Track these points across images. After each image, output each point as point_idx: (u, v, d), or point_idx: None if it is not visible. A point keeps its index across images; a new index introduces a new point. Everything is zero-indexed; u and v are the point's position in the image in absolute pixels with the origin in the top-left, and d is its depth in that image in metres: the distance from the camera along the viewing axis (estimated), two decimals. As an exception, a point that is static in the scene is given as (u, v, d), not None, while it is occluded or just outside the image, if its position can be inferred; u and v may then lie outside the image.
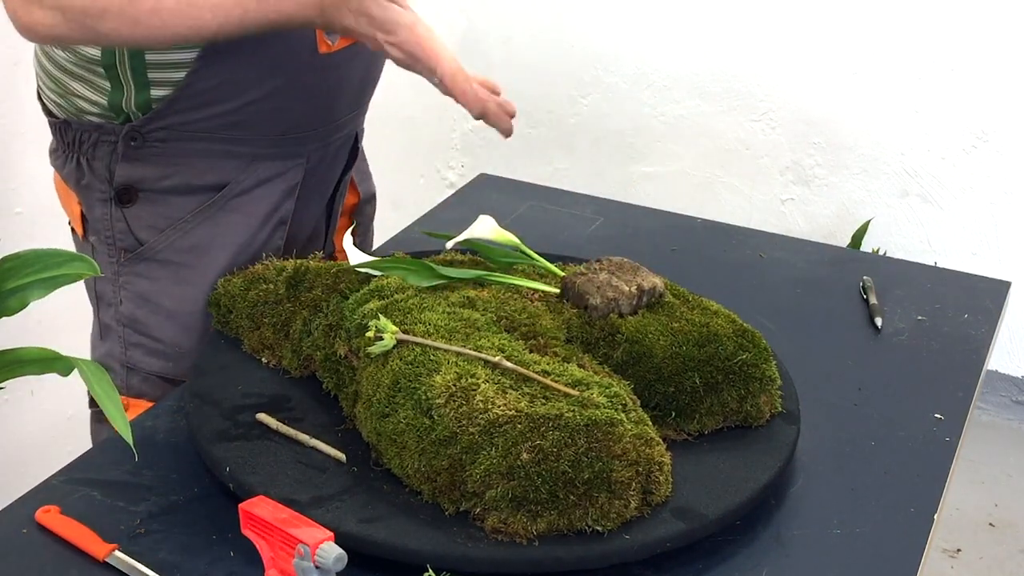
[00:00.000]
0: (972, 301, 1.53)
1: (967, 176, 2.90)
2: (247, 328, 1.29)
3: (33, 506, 1.08)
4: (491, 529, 1.00)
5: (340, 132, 1.43)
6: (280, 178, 1.37)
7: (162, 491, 1.12)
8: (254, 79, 1.30)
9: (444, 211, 1.74)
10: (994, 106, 2.82)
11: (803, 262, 1.62)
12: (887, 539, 1.09)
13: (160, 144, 1.31)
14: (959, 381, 1.36)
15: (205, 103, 1.29)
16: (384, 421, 1.08)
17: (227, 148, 1.33)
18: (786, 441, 1.16)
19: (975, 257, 2.94)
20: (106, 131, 1.31)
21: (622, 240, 1.66)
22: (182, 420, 1.20)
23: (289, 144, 1.36)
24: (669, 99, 3.16)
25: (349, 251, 1.32)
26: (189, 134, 1.31)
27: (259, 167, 1.35)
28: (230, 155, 1.33)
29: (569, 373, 1.08)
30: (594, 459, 0.99)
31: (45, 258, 1.01)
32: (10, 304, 1.00)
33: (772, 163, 3.10)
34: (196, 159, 1.33)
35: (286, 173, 1.37)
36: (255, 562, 0.97)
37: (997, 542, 2.66)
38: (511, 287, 1.24)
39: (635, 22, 3.13)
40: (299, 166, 1.38)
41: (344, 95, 1.40)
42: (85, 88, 1.31)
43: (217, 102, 1.30)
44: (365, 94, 1.47)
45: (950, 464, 1.21)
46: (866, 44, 2.90)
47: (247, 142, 1.34)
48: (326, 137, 1.41)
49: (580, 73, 3.23)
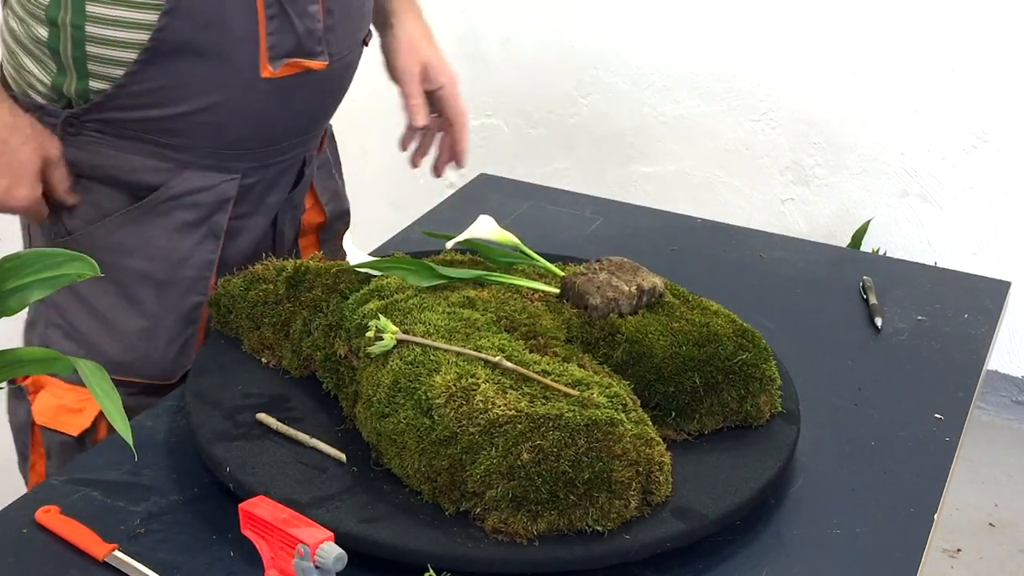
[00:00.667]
0: (972, 301, 1.53)
1: (967, 176, 2.90)
2: (247, 328, 1.29)
3: (33, 506, 1.08)
4: (491, 529, 1.00)
5: (283, 156, 1.41)
6: (211, 190, 1.35)
7: (162, 491, 1.12)
8: (191, 91, 1.29)
9: (444, 211, 1.74)
10: (994, 106, 2.82)
11: (803, 262, 1.62)
12: (887, 539, 1.09)
13: (96, 135, 1.32)
14: (959, 381, 1.36)
15: (141, 105, 1.29)
16: (384, 421, 1.08)
17: (160, 151, 1.32)
18: (786, 441, 1.16)
19: (975, 257, 2.93)
20: (47, 112, 1.32)
21: (622, 240, 1.66)
22: (182, 420, 1.20)
23: (224, 159, 1.35)
24: (669, 99, 3.16)
25: (349, 251, 1.32)
26: (124, 131, 1.31)
27: (191, 176, 1.34)
28: (163, 158, 1.33)
29: (569, 373, 1.08)
30: (594, 459, 0.99)
31: (45, 258, 1.01)
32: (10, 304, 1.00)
33: (772, 163, 3.10)
34: (129, 156, 1.32)
35: (218, 186, 1.36)
36: (255, 562, 0.97)
37: (997, 542, 2.66)
38: (511, 287, 1.24)
39: (635, 22, 3.12)
40: (232, 181, 1.37)
41: (287, 121, 1.38)
42: (35, 66, 1.32)
43: (153, 106, 1.29)
44: (316, 122, 1.44)
45: (950, 464, 1.21)
46: (866, 44, 2.90)
47: (181, 149, 1.33)
48: (265, 159, 1.39)
49: (580, 73, 3.23)
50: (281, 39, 1.30)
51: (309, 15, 1.31)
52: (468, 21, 3.29)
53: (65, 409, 1.36)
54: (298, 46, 1.31)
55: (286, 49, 1.31)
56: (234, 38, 1.27)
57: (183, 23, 1.25)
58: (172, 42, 1.25)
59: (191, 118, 1.30)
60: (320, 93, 1.40)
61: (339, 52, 1.37)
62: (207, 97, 1.30)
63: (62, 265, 1.01)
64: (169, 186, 1.33)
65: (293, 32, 1.30)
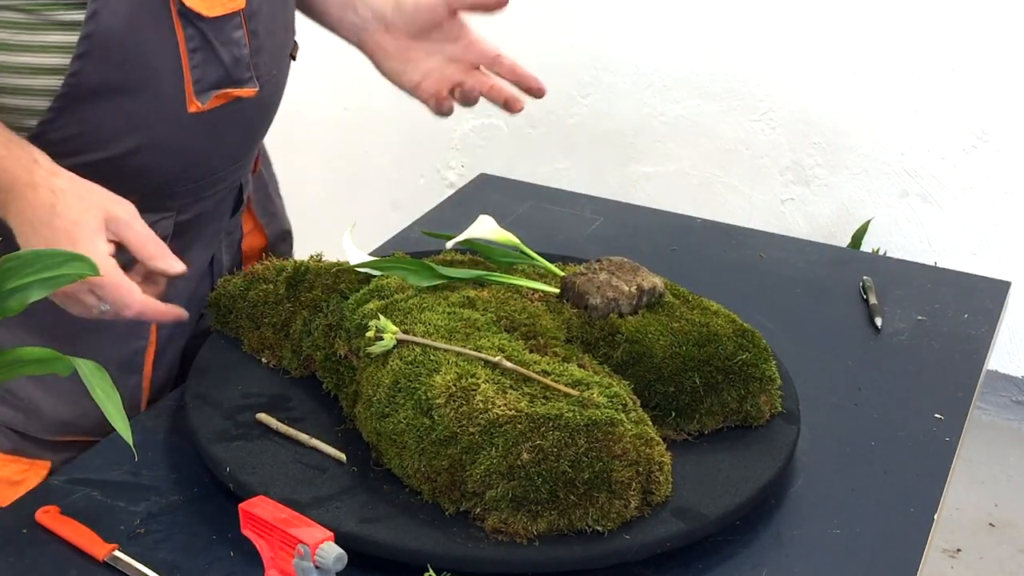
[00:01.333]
0: (972, 301, 1.53)
1: (967, 176, 2.90)
2: (247, 328, 1.29)
3: (33, 506, 1.08)
4: (491, 529, 1.00)
5: (219, 185, 1.32)
6: None
7: (162, 491, 1.12)
8: (114, 134, 1.19)
9: (444, 211, 1.74)
10: (994, 106, 2.82)
11: (803, 262, 1.62)
12: (887, 539, 1.09)
13: None
14: (959, 381, 1.36)
15: (60, 153, 1.16)
16: (384, 421, 1.08)
17: None
18: (786, 441, 1.16)
19: (975, 257, 2.94)
20: None
21: (622, 240, 1.66)
22: (182, 420, 1.20)
23: (157, 199, 1.25)
24: (669, 99, 3.16)
25: (349, 251, 1.32)
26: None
27: None
28: None
29: (569, 373, 1.08)
30: (594, 459, 0.99)
31: (45, 258, 1.01)
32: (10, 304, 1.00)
33: (772, 163, 3.10)
34: None
35: (152, 226, 1.22)
36: (255, 562, 0.97)
37: (997, 542, 2.66)
38: (511, 287, 1.24)
39: (635, 22, 3.12)
40: (167, 219, 1.28)
41: (220, 152, 1.29)
42: None
43: (72, 153, 1.18)
44: (249, 147, 1.36)
45: (950, 464, 1.21)
46: (866, 44, 2.90)
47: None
48: (200, 193, 1.30)
49: (580, 73, 3.23)
50: (206, 71, 1.20)
51: (234, 42, 1.22)
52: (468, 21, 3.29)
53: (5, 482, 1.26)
54: (225, 76, 1.22)
55: (212, 81, 1.21)
56: (155, 75, 1.17)
57: (98, 65, 1.14)
58: (88, 85, 1.15)
59: (116, 162, 1.20)
60: (251, 118, 1.31)
61: (267, 73, 1.28)
62: (131, 139, 1.20)
63: (62, 265, 1.01)
64: None
65: (219, 63, 1.21)
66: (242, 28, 1.22)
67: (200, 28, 1.18)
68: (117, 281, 1.09)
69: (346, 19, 1.42)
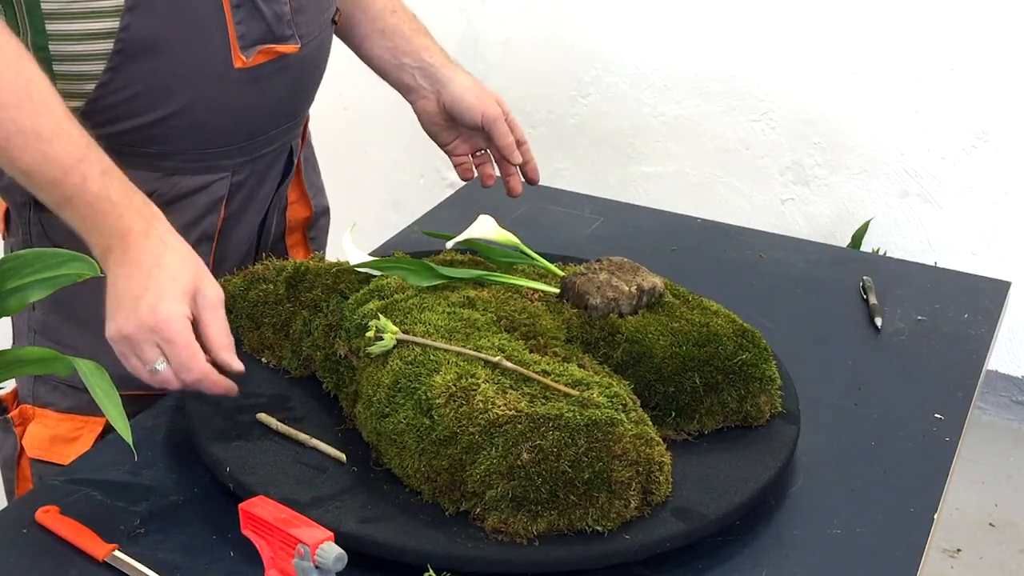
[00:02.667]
0: (972, 301, 1.53)
1: (967, 176, 2.90)
2: (247, 328, 1.29)
3: (33, 506, 1.08)
4: (491, 529, 1.00)
5: (270, 146, 1.38)
6: (203, 191, 1.33)
7: (162, 491, 1.12)
8: (166, 93, 1.25)
9: (444, 211, 1.74)
10: (994, 106, 2.82)
11: (803, 262, 1.62)
12: (887, 539, 1.09)
13: None
14: (959, 381, 1.36)
15: (118, 117, 1.25)
16: (384, 421, 1.08)
17: (146, 161, 1.29)
18: (786, 441, 1.16)
19: (975, 257, 2.94)
20: None
21: (622, 240, 1.66)
22: (182, 420, 1.20)
23: (212, 158, 1.32)
24: (669, 99, 3.16)
25: (349, 251, 1.32)
26: (106, 146, 1.24)
27: (180, 180, 1.31)
28: (150, 167, 1.29)
29: (569, 373, 1.08)
30: (594, 459, 0.99)
31: (45, 258, 1.01)
32: (10, 304, 1.00)
33: (772, 163, 3.10)
34: None
35: (209, 187, 1.33)
36: (255, 562, 0.97)
37: (997, 542, 2.66)
38: (511, 287, 1.24)
39: (635, 22, 3.12)
40: (223, 179, 1.34)
41: (269, 110, 1.35)
42: None
43: (129, 116, 1.26)
44: (297, 107, 1.41)
45: (950, 464, 1.21)
46: (866, 44, 2.90)
47: (166, 155, 1.29)
48: (253, 152, 1.36)
49: (580, 73, 3.23)
50: (250, 27, 1.26)
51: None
52: (468, 21, 3.29)
53: (60, 439, 1.33)
54: (268, 32, 1.28)
55: (256, 36, 1.27)
56: (201, 31, 1.23)
57: (146, 20, 1.20)
58: (138, 42, 1.21)
59: (170, 121, 1.27)
60: (297, 77, 1.36)
61: (310, 33, 1.34)
62: (183, 97, 1.26)
63: (62, 265, 1.01)
64: (160, 193, 1.29)
65: (261, 18, 1.27)
66: None
67: None
68: (188, 340, 1.10)
69: (401, 79, 1.52)
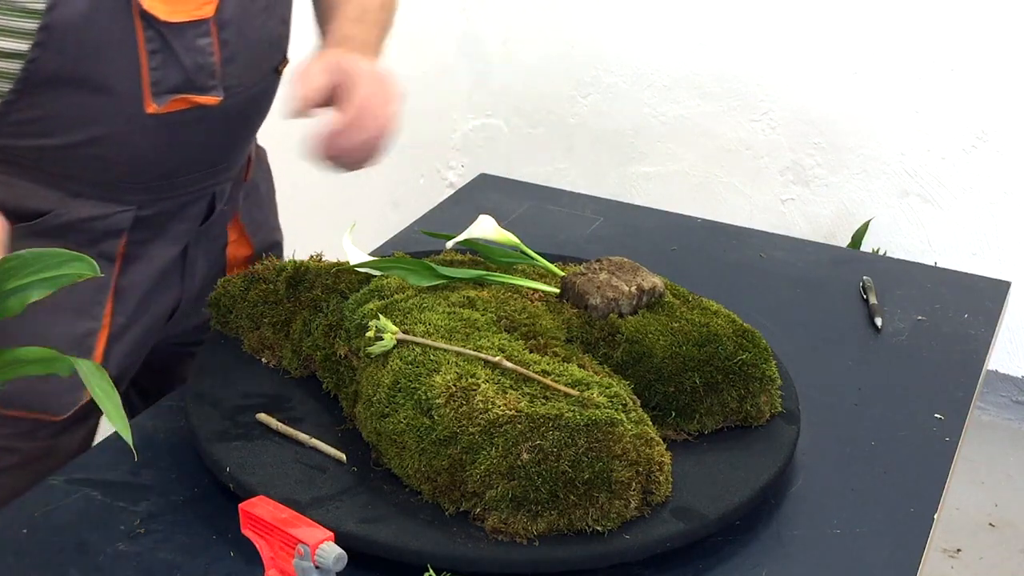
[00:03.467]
0: (972, 301, 1.53)
1: (967, 176, 2.90)
2: (247, 328, 1.29)
3: (33, 506, 1.08)
4: (491, 529, 1.00)
5: (184, 189, 1.33)
6: (103, 220, 1.29)
7: (162, 491, 1.12)
8: (73, 122, 1.21)
9: (444, 211, 1.74)
10: (994, 106, 2.82)
11: (803, 262, 1.62)
12: (887, 539, 1.09)
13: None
14: (959, 381, 1.36)
15: (23, 134, 1.21)
16: (384, 421, 1.08)
17: (49, 179, 1.26)
18: (786, 441, 1.16)
19: (975, 257, 2.94)
20: None
21: (622, 240, 1.66)
22: (182, 420, 1.20)
23: (115, 190, 1.28)
24: (669, 99, 3.16)
25: (349, 251, 1.31)
26: (12, 158, 1.25)
27: (82, 205, 1.27)
28: (52, 187, 1.26)
29: (569, 373, 1.08)
30: (594, 459, 0.99)
31: (45, 258, 1.01)
32: (10, 304, 1.00)
33: (772, 163, 3.10)
34: (17, 182, 1.26)
35: (111, 216, 1.28)
36: (255, 562, 0.97)
37: (997, 542, 2.66)
38: (511, 287, 1.24)
39: (635, 22, 3.13)
40: (127, 212, 1.29)
41: (183, 157, 1.29)
42: None
43: (35, 135, 1.22)
44: (219, 157, 1.35)
45: (950, 464, 1.21)
46: (866, 44, 2.90)
47: (70, 179, 1.26)
48: (160, 193, 1.31)
49: (580, 73, 3.23)
50: (166, 74, 1.21)
51: (198, 49, 1.22)
52: (468, 21, 3.29)
53: None
54: (187, 82, 1.22)
55: (172, 85, 1.22)
56: (113, 72, 1.19)
57: (55, 55, 1.15)
58: (45, 73, 1.16)
59: (76, 150, 1.23)
60: (219, 128, 1.30)
61: (241, 84, 1.28)
62: (89, 130, 1.22)
63: (62, 265, 1.01)
64: (58, 213, 1.27)
65: (180, 67, 1.21)
66: (210, 36, 1.23)
67: (160, 31, 1.19)
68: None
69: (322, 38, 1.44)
